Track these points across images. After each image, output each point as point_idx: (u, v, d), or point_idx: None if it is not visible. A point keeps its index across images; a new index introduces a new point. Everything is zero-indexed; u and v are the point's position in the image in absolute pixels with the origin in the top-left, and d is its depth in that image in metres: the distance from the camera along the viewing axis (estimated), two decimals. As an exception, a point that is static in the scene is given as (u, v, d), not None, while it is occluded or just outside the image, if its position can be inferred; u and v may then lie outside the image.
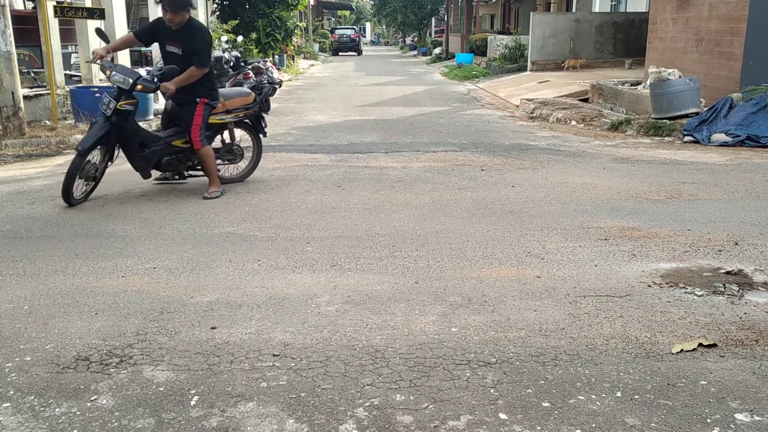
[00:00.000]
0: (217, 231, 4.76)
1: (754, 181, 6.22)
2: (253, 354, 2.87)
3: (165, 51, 5.66)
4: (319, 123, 10.85)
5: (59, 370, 2.74)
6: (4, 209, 5.40)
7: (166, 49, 5.61)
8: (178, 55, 5.52)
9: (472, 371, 2.70)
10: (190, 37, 5.50)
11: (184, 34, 5.50)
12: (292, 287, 3.66)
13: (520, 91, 14.64)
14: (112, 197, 5.79)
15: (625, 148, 8.32)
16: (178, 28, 5.49)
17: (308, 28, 33.55)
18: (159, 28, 5.65)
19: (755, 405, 2.45)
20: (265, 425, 2.35)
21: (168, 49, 5.60)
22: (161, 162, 5.74)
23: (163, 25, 5.56)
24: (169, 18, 5.45)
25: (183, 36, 5.49)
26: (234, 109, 6.08)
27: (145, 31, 5.88)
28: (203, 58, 5.53)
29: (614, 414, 2.40)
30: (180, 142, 5.76)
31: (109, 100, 5.32)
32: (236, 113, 6.12)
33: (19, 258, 4.18)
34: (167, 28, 5.53)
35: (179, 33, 5.50)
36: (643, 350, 2.88)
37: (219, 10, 18.38)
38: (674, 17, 11.67)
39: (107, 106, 5.31)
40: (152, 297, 3.53)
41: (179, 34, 5.50)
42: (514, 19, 31.85)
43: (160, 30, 5.63)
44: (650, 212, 5.14)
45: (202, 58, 5.52)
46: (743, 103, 8.55)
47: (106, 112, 5.32)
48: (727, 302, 3.40)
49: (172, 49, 5.55)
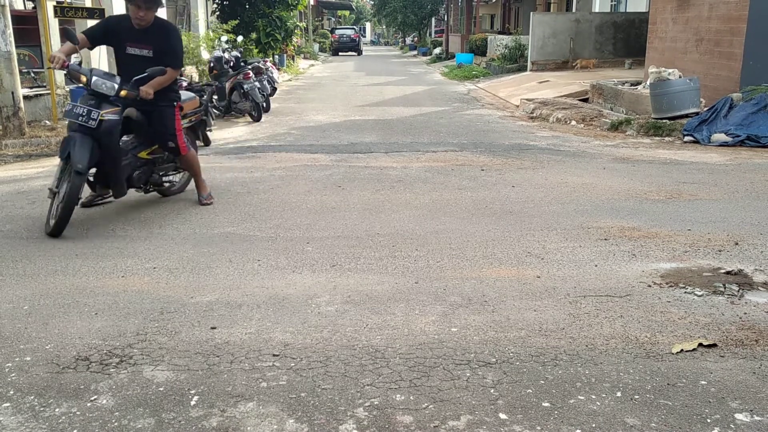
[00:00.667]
0: (217, 231, 4.76)
1: (754, 181, 6.22)
2: (253, 354, 2.87)
3: (124, 54, 4.98)
4: (319, 123, 10.85)
5: (59, 370, 2.74)
6: (4, 209, 5.40)
7: (127, 51, 4.96)
8: (145, 57, 4.92)
9: (472, 371, 2.70)
10: (163, 36, 4.99)
11: (155, 34, 4.95)
12: (292, 287, 3.66)
13: (520, 91, 14.64)
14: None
15: (625, 148, 8.32)
16: (146, 28, 4.92)
17: (308, 28, 33.55)
18: (119, 27, 5.00)
19: (755, 405, 2.45)
20: (265, 425, 2.35)
21: (130, 52, 4.95)
22: (132, 177, 5.11)
23: (124, 24, 4.97)
24: (141, 16, 4.86)
25: (154, 36, 4.95)
26: (189, 113, 5.68)
27: (99, 30, 5.07)
28: (179, 59, 5.14)
29: (614, 414, 2.40)
30: (145, 153, 5.20)
31: (88, 110, 4.56)
32: (190, 117, 5.72)
33: (19, 258, 4.18)
34: (129, 27, 4.93)
35: (149, 33, 4.94)
36: (643, 350, 2.88)
37: (219, 10, 18.37)
38: (674, 17, 11.67)
39: (88, 116, 4.55)
40: (152, 297, 3.53)
41: (149, 34, 4.94)
42: (514, 19, 31.85)
43: (119, 30, 4.97)
44: (650, 212, 5.14)
45: (179, 58, 5.13)
46: (743, 103, 8.54)
47: (88, 123, 4.55)
48: (727, 302, 3.40)
49: (137, 51, 4.94)
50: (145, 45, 4.94)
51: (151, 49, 4.94)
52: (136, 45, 4.94)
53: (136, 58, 4.93)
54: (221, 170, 6.97)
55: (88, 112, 4.56)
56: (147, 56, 4.92)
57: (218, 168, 7.10)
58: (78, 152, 4.51)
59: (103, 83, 4.68)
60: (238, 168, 7.10)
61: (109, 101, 4.68)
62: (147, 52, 4.93)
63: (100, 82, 4.67)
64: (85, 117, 4.54)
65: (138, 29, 4.91)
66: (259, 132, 9.91)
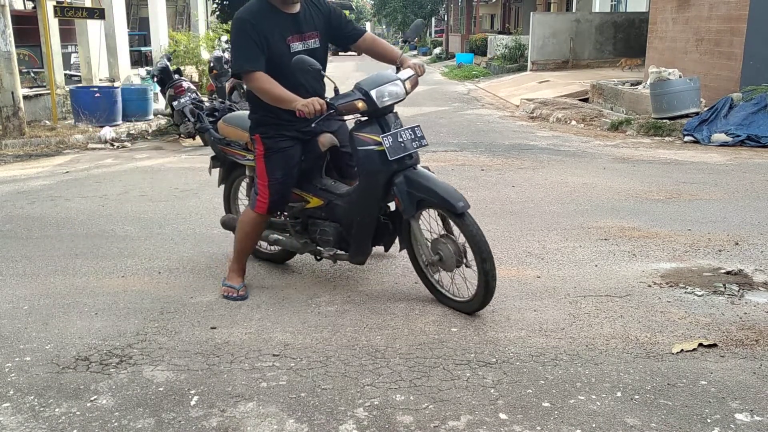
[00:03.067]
0: (217, 231, 4.75)
1: (754, 181, 6.22)
2: (253, 354, 2.87)
3: (289, 54, 3.22)
4: (319, 123, 10.84)
5: (59, 370, 2.74)
6: (4, 209, 5.40)
7: (292, 49, 3.27)
8: (313, 50, 3.33)
9: (472, 371, 2.70)
10: (326, 10, 3.43)
11: (314, 13, 3.38)
12: (292, 287, 3.66)
13: (520, 91, 14.63)
14: (112, 197, 5.79)
15: (625, 148, 8.32)
16: (300, 9, 3.31)
17: (308, 28, 33.50)
18: (266, 24, 3.22)
19: (755, 405, 2.45)
20: (265, 425, 2.35)
21: (296, 49, 3.28)
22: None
23: (268, 17, 3.23)
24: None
25: (314, 16, 3.37)
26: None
27: (258, 43, 3.18)
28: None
29: (614, 414, 2.40)
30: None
31: (413, 133, 3.22)
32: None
33: (19, 258, 4.18)
34: (278, 18, 3.25)
35: (306, 15, 3.34)
36: (643, 350, 2.88)
37: (219, 10, 18.37)
38: (674, 17, 11.67)
39: (420, 141, 3.23)
40: (152, 297, 3.53)
41: (307, 16, 3.34)
42: (514, 19, 31.84)
43: (269, 28, 3.22)
44: (650, 212, 5.13)
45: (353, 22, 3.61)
46: (743, 103, 8.54)
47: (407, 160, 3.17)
48: (727, 302, 3.40)
49: (302, 45, 3.31)
50: (309, 33, 3.34)
51: (318, 35, 3.37)
52: (298, 37, 3.31)
53: (304, 53, 3.22)
54: (221, 170, 6.97)
55: (414, 135, 3.23)
56: (314, 47, 3.35)
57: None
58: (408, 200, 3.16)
59: (386, 90, 3.14)
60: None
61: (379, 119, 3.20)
62: (314, 41, 3.36)
63: (384, 90, 3.13)
64: (418, 141, 3.23)
65: (289, 15, 3.29)
66: (259, 132, 9.89)
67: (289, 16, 3.29)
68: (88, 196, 5.84)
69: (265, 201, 3.38)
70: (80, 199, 5.73)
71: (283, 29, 3.26)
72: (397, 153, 3.12)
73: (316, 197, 3.46)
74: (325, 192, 3.44)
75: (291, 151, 3.37)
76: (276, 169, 3.35)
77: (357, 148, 3.17)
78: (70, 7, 10.20)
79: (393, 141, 3.12)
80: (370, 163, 3.13)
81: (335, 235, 3.43)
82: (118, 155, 8.09)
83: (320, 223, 3.50)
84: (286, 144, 3.35)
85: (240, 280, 3.57)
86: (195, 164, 7.38)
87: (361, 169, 3.19)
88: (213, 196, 5.80)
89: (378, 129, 3.14)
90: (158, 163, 7.56)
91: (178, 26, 18.39)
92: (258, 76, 3.17)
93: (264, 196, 3.38)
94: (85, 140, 8.71)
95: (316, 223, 3.53)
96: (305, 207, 3.52)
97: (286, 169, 3.36)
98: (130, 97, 9.92)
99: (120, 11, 12.00)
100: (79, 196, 5.82)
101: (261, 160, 3.38)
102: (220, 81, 11.20)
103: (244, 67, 3.19)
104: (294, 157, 3.38)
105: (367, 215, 3.28)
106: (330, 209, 3.42)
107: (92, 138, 8.80)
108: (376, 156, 3.11)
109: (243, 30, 3.19)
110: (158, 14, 14.40)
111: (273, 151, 3.35)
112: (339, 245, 3.47)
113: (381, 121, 3.17)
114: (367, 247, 3.40)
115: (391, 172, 3.15)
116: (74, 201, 5.65)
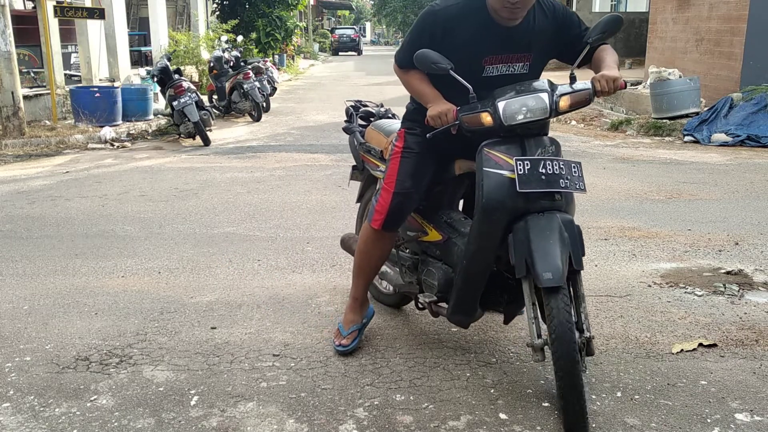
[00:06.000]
0: (217, 231, 4.76)
1: (754, 181, 6.22)
2: (253, 354, 2.87)
3: (479, 79, 2.49)
4: (319, 123, 10.85)
5: (59, 370, 2.74)
6: (4, 209, 5.40)
7: (486, 74, 2.53)
8: (517, 76, 2.55)
9: (472, 371, 2.70)
10: (554, 18, 2.56)
11: (535, 26, 2.52)
12: (292, 287, 3.66)
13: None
14: (112, 197, 5.79)
15: (625, 147, 8.32)
16: (518, 24, 2.48)
17: (308, 27, 33.54)
18: (463, 41, 2.49)
19: (755, 405, 2.45)
20: (265, 425, 2.35)
21: (491, 73, 2.53)
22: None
23: (471, 25, 2.48)
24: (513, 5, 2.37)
25: (534, 29, 2.52)
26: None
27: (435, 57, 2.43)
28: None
29: (614, 414, 2.40)
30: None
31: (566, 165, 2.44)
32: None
33: (19, 258, 4.18)
34: (484, 29, 2.48)
35: (525, 28, 2.50)
36: (643, 350, 2.88)
37: (219, 9, 18.37)
38: (674, 17, 11.67)
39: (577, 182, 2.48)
40: (152, 297, 3.53)
41: (527, 29, 2.51)
42: (514, 18, 31.80)
43: (461, 43, 2.49)
44: (650, 212, 5.13)
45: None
46: (743, 103, 8.55)
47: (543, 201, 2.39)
48: (727, 302, 3.40)
49: (505, 70, 2.54)
50: (520, 53, 2.54)
51: (530, 57, 2.56)
52: (502, 58, 2.53)
53: (500, 81, 2.51)
54: (221, 170, 6.98)
55: (568, 173, 2.43)
56: (521, 73, 2.57)
57: (218, 168, 7.11)
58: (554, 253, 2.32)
59: (520, 103, 2.37)
60: (238, 168, 7.10)
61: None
62: (522, 65, 2.56)
63: (516, 103, 2.37)
64: (570, 181, 2.44)
65: (505, 29, 2.48)
66: (259, 132, 9.90)
67: (503, 30, 2.47)
68: (88, 196, 5.84)
69: (383, 213, 2.69)
70: (80, 199, 5.74)
71: (486, 46, 2.49)
72: (532, 186, 2.32)
73: (436, 230, 2.78)
74: (448, 226, 2.75)
75: (427, 160, 2.70)
76: (407, 176, 2.66)
77: (483, 169, 2.39)
78: (70, 7, 10.20)
79: (530, 169, 2.34)
80: (494, 190, 2.35)
81: (442, 280, 2.71)
82: (118, 155, 8.09)
83: (431, 262, 2.81)
84: (425, 150, 2.68)
85: (355, 318, 2.91)
86: (195, 164, 7.38)
87: (481, 196, 2.38)
88: (213, 195, 5.81)
89: (518, 150, 2.39)
90: (158, 163, 7.56)
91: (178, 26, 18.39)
92: (410, 74, 2.62)
93: (384, 205, 2.68)
94: (85, 140, 8.71)
95: (427, 261, 2.85)
96: (421, 239, 2.86)
97: (417, 178, 2.67)
98: (130, 97, 9.91)
99: (120, 11, 12.00)
100: (79, 196, 5.82)
101: (396, 159, 2.70)
102: (220, 81, 11.21)
103: (399, 58, 2.64)
104: (430, 167, 2.70)
105: (477, 261, 2.46)
106: (446, 248, 2.73)
107: (92, 138, 8.80)
108: (504, 183, 2.34)
109: (420, 32, 2.54)
110: (158, 14, 14.40)
111: (413, 153, 2.68)
112: (444, 294, 2.71)
113: (525, 142, 2.42)
114: (470, 305, 2.59)
115: (516, 210, 2.35)
116: (74, 201, 5.65)
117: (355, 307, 2.93)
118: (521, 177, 2.32)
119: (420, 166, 2.69)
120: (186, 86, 8.71)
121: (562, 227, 2.36)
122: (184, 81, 8.86)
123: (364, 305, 2.98)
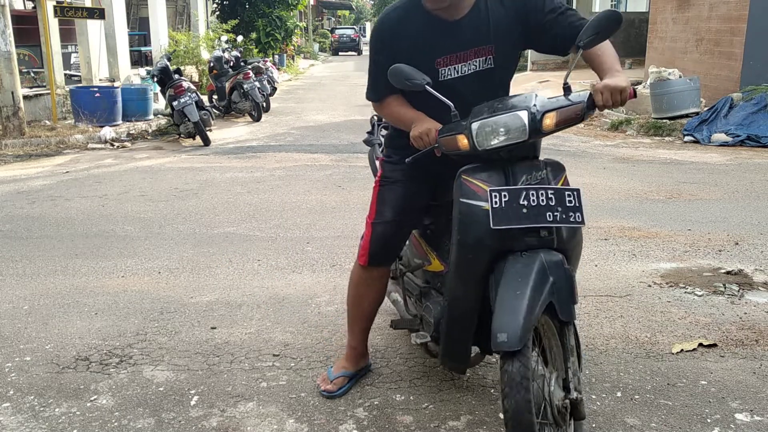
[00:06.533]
0: (217, 231, 4.76)
1: (754, 181, 6.22)
2: (253, 354, 2.87)
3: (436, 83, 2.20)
4: (319, 123, 10.85)
5: (59, 370, 2.74)
6: (4, 209, 5.40)
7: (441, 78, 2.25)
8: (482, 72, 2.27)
9: (472, 371, 2.69)
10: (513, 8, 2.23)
11: (491, 15, 2.22)
12: (292, 287, 3.66)
13: (521, 91, 14.62)
14: (112, 197, 5.79)
15: (625, 147, 8.32)
16: (463, 15, 2.22)
17: (308, 27, 33.54)
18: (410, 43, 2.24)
19: (755, 405, 2.45)
20: (265, 425, 2.35)
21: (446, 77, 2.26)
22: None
23: (411, 27, 2.25)
24: None
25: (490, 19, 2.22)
26: None
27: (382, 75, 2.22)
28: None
29: (614, 414, 2.40)
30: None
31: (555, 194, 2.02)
32: None
33: (19, 258, 4.18)
34: (425, 28, 2.24)
35: (475, 20, 2.22)
36: (643, 350, 2.88)
37: (219, 9, 18.37)
38: (674, 17, 11.66)
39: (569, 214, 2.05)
40: (152, 297, 3.53)
41: (476, 21, 2.22)
42: (514, 18, 31.79)
43: (408, 45, 2.24)
44: (650, 212, 5.13)
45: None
46: (743, 103, 8.55)
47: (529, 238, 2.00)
48: (727, 302, 3.40)
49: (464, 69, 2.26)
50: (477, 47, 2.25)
51: (492, 49, 2.25)
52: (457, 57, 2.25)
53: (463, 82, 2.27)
54: (221, 170, 6.98)
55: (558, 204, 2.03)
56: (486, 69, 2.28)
57: (218, 168, 7.11)
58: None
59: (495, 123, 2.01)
60: (238, 168, 7.10)
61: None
62: (484, 60, 2.27)
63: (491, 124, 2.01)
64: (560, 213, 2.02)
65: (449, 24, 2.23)
66: (259, 132, 9.90)
67: (448, 24, 2.22)
68: (88, 196, 5.84)
69: (366, 247, 2.47)
70: (80, 199, 5.74)
71: (433, 46, 2.23)
72: (509, 221, 1.94)
73: (438, 259, 2.46)
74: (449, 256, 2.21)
75: (410, 188, 2.42)
76: (386, 206, 2.43)
77: (459, 199, 2.06)
78: (70, 7, 10.20)
79: (507, 201, 1.96)
80: (470, 225, 2.02)
81: (438, 318, 2.33)
82: (118, 155, 8.09)
83: (433, 296, 2.51)
84: (406, 177, 2.41)
85: (348, 365, 2.62)
86: (195, 164, 7.38)
87: (456, 229, 2.06)
88: (213, 195, 5.81)
89: (499, 177, 2.05)
90: (158, 163, 7.56)
91: (178, 26, 18.38)
92: (386, 104, 2.37)
93: (366, 239, 2.47)
94: (85, 140, 8.71)
95: (430, 294, 2.54)
96: (426, 268, 2.56)
97: (398, 206, 2.41)
98: (130, 97, 9.92)
99: (120, 11, 12.00)
100: (79, 196, 5.82)
101: (375, 189, 2.51)
102: (220, 81, 11.22)
103: (369, 96, 2.42)
104: (409, 197, 2.42)
105: (459, 302, 2.13)
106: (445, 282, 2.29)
107: (92, 138, 8.80)
108: (482, 216, 1.98)
109: (374, 47, 2.33)
110: (158, 14, 14.40)
111: (389, 181, 2.45)
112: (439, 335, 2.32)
113: (509, 168, 2.06)
114: (460, 348, 2.22)
115: (494, 249, 2.00)
116: (74, 201, 5.66)
117: (352, 356, 2.63)
118: (495, 211, 1.95)
119: (401, 193, 2.42)
120: (186, 86, 8.71)
121: (546, 271, 1.92)
122: (184, 81, 8.86)
123: (364, 357, 2.67)
